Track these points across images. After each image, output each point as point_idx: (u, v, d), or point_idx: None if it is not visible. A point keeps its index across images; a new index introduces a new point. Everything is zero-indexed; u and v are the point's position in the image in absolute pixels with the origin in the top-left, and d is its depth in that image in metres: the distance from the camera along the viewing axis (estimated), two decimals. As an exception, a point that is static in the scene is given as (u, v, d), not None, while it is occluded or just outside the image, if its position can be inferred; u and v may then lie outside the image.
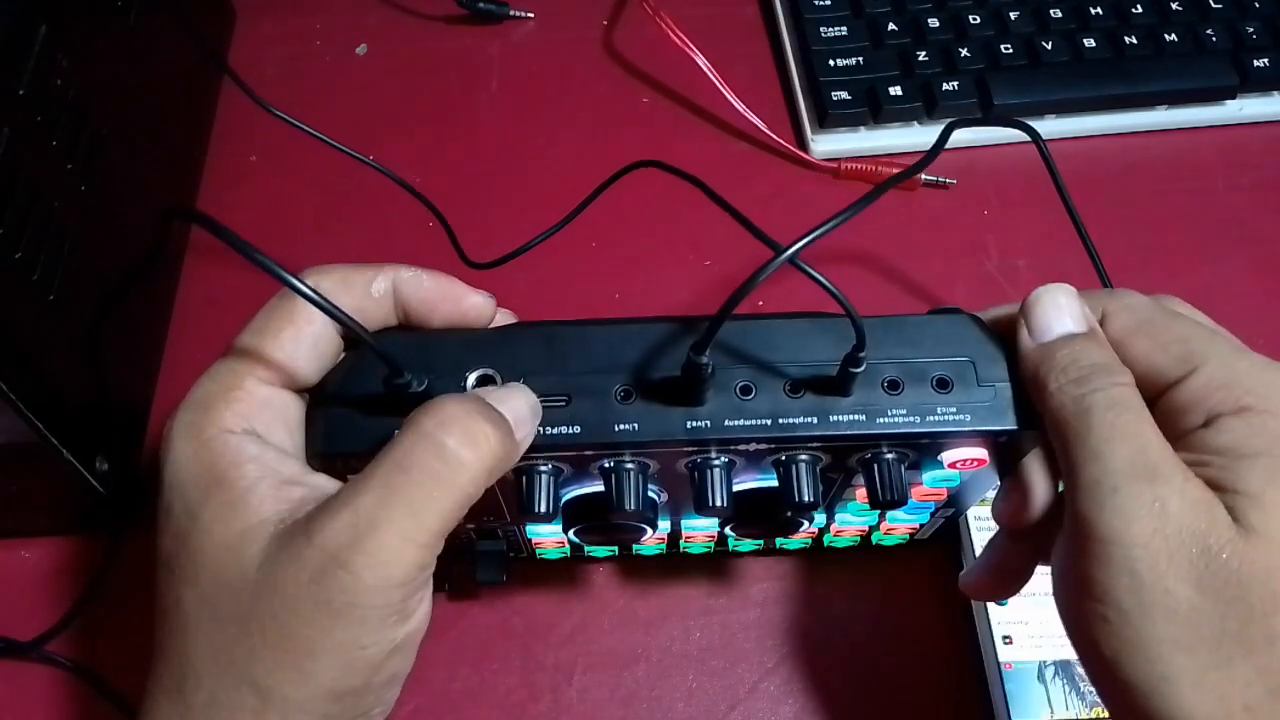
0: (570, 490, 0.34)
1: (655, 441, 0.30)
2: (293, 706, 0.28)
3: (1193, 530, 0.27)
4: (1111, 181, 0.55)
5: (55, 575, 0.43)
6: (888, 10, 0.57)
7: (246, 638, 0.28)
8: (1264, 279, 0.52)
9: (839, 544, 0.43)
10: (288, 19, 0.60)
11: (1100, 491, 0.28)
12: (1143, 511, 0.27)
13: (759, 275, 0.26)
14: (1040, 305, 0.31)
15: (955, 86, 0.54)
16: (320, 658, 0.28)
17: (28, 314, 0.37)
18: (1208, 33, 0.57)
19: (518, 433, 0.29)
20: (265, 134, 0.52)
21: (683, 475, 0.32)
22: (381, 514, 0.27)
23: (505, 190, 0.54)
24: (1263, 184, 0.55)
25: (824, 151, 0.55)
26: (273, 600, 0.27)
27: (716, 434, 0.30)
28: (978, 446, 0.32)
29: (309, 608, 0.27)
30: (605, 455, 0.31)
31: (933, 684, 0.41)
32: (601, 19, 0.61)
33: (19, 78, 0.37)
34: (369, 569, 0.27)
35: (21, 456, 0.38)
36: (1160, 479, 0.28)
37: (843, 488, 0.35)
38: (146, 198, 0.48)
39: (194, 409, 0.30)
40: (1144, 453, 0.28)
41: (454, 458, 0.28)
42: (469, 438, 0.28)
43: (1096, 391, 0.29)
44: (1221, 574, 0.27)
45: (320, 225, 0.52)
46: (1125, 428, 0.28)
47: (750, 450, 0.31)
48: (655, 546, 0.41)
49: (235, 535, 0.28)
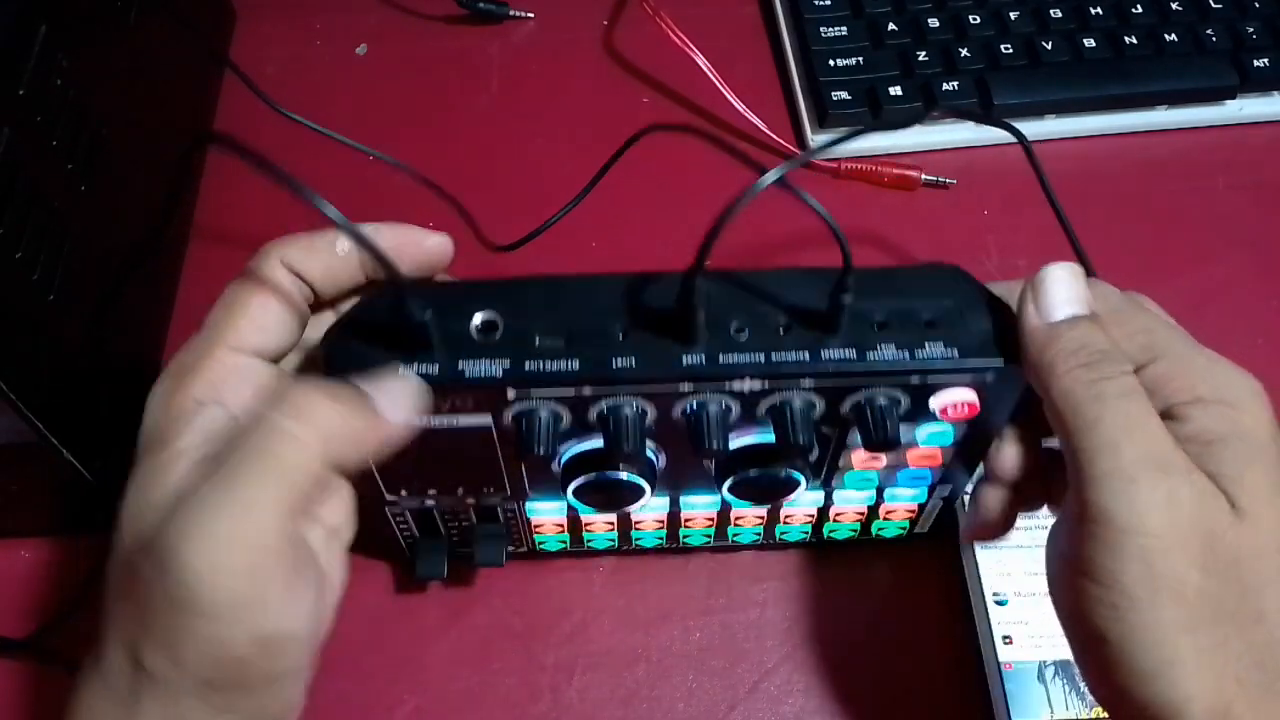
0: (570, 447, 0.34)
1: (651, 377, 0.31)
2: (183, 694, 0.28)
3: (1201, 517, 0.28)
4: (1111, 181, 0.55)
5: (55, 575, 0.43)
6: (888, 10, 0.57)
7: (133, 615, 0.28)
8: (1264, 279, 0.52)
9: (839, 534, 0.42)
10: (288, 19, 0.60)
11: (1117, 482, 0.28)
12: (1160, 502, 0.28)
13: (746, 195, 0.28)
14: (1049, 283, 0.31)
15: (955, 86, 0.54)
16: (183, 647, 0.27)
17: (28, 314, 0.37)
18: (1208, 33, 0.57)
19: (389, 411, 0.29)
20: (265, 134, 0.52)
21: (680, 427, 0.33)
22: (210, 498, 0.27)
23: (504, 190, 0.54)
24: (1263, 184, 0.55)
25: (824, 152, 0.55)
26: (137, 585, 0.27)
27: (711, 370, 0.31)
28: (967, 389, 0.32)
29: (160, 599, 0.27)
30: (603, 396, 0.32)
31: (933, 684, 0.41)
32: (601, 19, 0.61)
33: (19, 78, 0.37)
34: (198, 557, 0.26)
35: (21, 456, 0.38)
36: (1173, 470, 0.28)
37: (838, 450, 0.36)
38: (146, 198, 0.48)
39: (170, 377, 0.31)
40: (1157, 444, 0.29)
41: (279, 431, 0.28)
42: (295, 409, 0.28)
43: (1108, 380, 0.30)
44: (1224, 556, 0.28)
45: (321, 224, 0.52)
46: (1138, 418, 0.29)
47: (745, 393, 0.32)
48: (655, 533, 0.41)
49: (138, 504, 0.29)
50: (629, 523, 0.41)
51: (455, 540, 0.41)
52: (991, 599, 0.41)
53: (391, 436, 0.30)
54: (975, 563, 0.42)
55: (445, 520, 0.40)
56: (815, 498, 0.40)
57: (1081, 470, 0.29)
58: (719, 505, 0.40)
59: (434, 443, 0.33)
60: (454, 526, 0.40)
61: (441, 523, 0.40)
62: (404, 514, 0.39)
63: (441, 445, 0.33)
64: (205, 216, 0.52)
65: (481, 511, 0.39)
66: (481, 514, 0.39)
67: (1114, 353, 0.31)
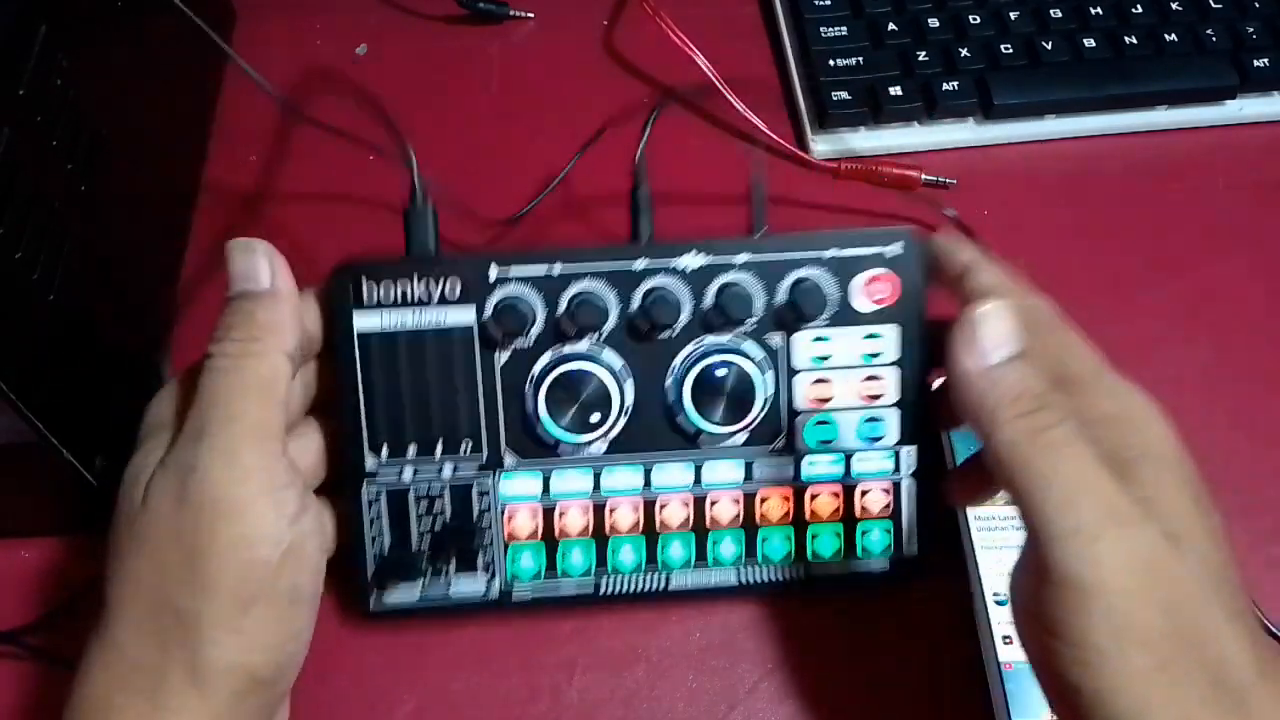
0: (549, 369, 0.38)
1: (611, 255, 0.38)
2: (208, 623, 0.30)
3: (1155, 561, 0.29)
4: (1111, 181, 0.55)
5: (55, 575, 0.43)
6: (888, 10, 0.57)
7: (152, 562, 0.31)
8: (1264, 279, 0.52)
9: (823, 548, 0.41)
10: (288, 19, 0.60)
11: (1077, 543, 0.28)
12: (1123, 559, 0.28)
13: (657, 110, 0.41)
14: (981, 325, 0.31)
15: (955, 86, 0.54)
16: (214, 560, 0.30)
17: (28, 314, 0.37)
18: (1208, 33, 0.57)
19: (262, 284, 0.34)
20: (266, 134, 0.52)
21: (642, 325, 0.38)
22: (212, 420, 0.32)
23: (504, 190, 0.54)
24: (1263, 184, 0.55)
25: (824, 151, 0.55)
26: (160, 523, 0.31)
27: (658, 249, 0.38)
28: (883, 269, 0.38)
29: (189, 516, 0.31)
30: (572, 277, 0.38)
31: (932, 684, 0.41)
32: (601, 19, 0.61)
33: (19, 78, 0.37)
34: (216, 462, 0.31)
35: (21, 456, 0.38)
36: (1130, 521, 0.29)
37: (789, 374, 0.39)
38: (146, 198, 0.48)
39: (178, 384, 0.35)
40: (1110, 496, 0.29)
41: (236, 350, 0.33)
42: (233, 329, 0.33)
43: (1052, 429, 0.30)
44: (1174, 591, 0.28)
45: (321, 224, 0.52)
46: (1089, 470, 0.29)
47: (689, 270, 0.38)
48: (633, 542, 0.40)
49: (134, 470, 0.33)
50: (605, 521, 0.40)
51: (428, 555, 0.40)
52: (991, 599, 0.41)
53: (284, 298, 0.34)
54: (975, 563, 0.42)
55: (419, 519, 0.39)
56: (785, 465, 0.40)
57: (1038, 529, 0.29)
58: (693, 472, 0.40)
59: (417, 361, 0.38)
60: (427, 529, 0.39)
61: (415, 522, 0.39)
62: (379, 500, 0.39)
63: (424, 365, 0.38)
64: (206, 217, 0.52)
65: (455, 498, 0.39)
66: (455, 508, 0.39)
67: (1050, 395, 0.30)
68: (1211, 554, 0.30)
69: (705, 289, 0.38)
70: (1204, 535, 0.30)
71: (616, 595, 0.41)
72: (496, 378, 0.39)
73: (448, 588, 0.40)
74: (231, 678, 0.31)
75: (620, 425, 0.39)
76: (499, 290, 0.38)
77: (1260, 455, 0.46)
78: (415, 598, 0.40)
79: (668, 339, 0.39)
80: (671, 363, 0.39)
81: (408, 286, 0.38)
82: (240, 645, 0.31)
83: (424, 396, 0.39)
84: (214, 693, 0.31)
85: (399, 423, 0.39)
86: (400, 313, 0.38)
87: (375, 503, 0.39)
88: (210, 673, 0.30)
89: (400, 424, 0.39)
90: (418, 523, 0.39)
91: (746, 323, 0.39)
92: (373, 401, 0.38)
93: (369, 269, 0.38)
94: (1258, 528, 0.44)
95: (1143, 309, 0.50)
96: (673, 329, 0.39)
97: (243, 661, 0.31)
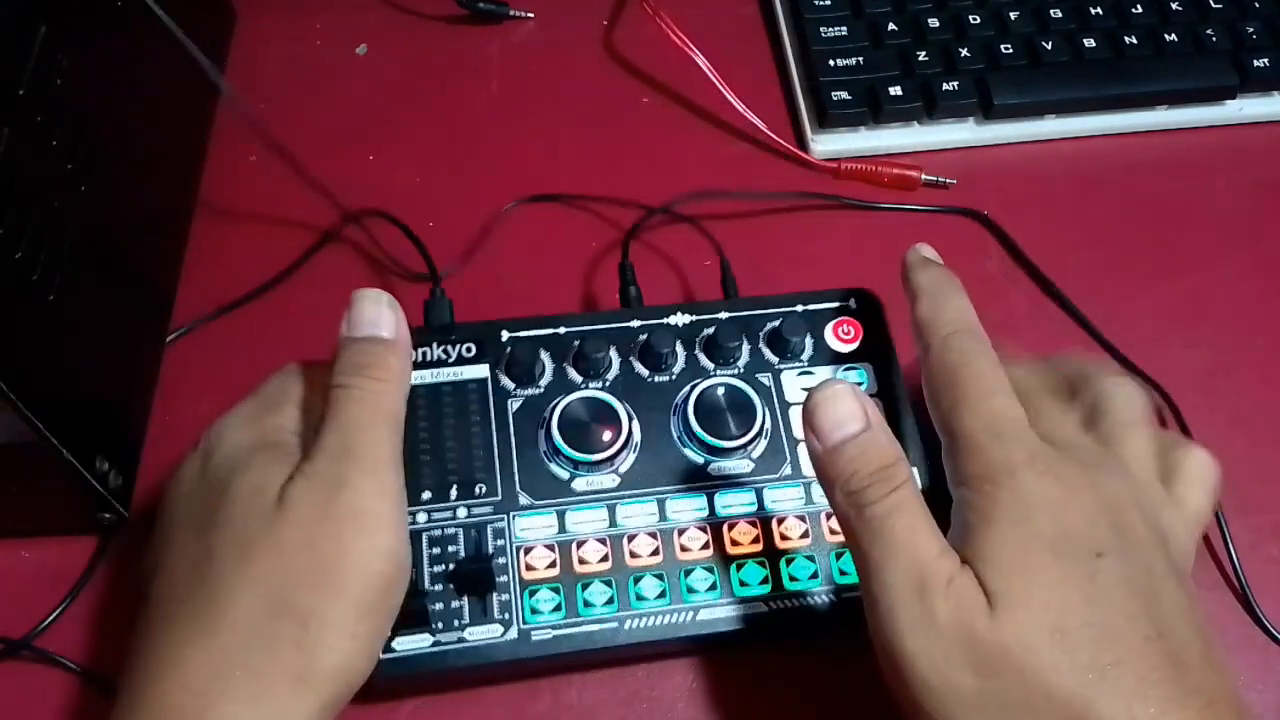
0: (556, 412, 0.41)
1: (608, 319, 0.43)
2: (329, 626, 0.32)
3: (958, 627, 0.29)
4: (1111, 181, 0.55)
5: (55, 574, 0.43)
6: (888, 10, 0.57)
7: (280, 564, 0.32)
8: (1264, 279, 0.52)
9: (847, 566, 0.39)
10: (288, 19, 0.60)
11: (880, 609, 0.31)
12: (916, 625, 0.30)
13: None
14: (821, 410, 0.33)
15: (955, 86, 0.55)
16: (345, 568, 0.32)
17: (28, 314, 0.37)
18: (1208, 33, 0.57)
19: (388, 333, 0.36)
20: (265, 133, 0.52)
21: (641, 375, 0.42)
22: (356, 432, 0.34)
23: (504, 190, 0.54)
24: (1263, 184, 0.55)
25: (824, 151, 0.55)
26: (297, 528, 0.32)
27: (648, 311, 0.44)
28: (848, 317, 0.44)
29: (331, 525, 0.32)
30: (575, 337, 0.43)
31: (933, 684, 0.41)
32: (601, 19, 0.61)
33: (19, 78, 0.37)
34: (366, 479, 0.33)
35: (21, 456, 0.38)
36: (928, 589, 0.30)
37: (784, 407, 0.42)
38: (146, 197, 0.48)
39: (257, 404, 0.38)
40: (915, 563, 0.30)
41: (371, 385, 0.35)
42: (366, 368, 0.35)
43: (872, 504, 0.31)
44: (991, 654, 0.29)
45: (322, 223, 0.52)
46: (898, 541, 0.31)
47: (679, 325, 0.43)
48: (653, 574, 0.39)
49: (266, 476, 0.34)
50: (624, 552, 0.39)
51: (440, 593, 0.38)
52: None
53: (404, 341, 0.37)
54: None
55: (431, 560, 0.38)
56: (795, 490, 0.40)
57: (862, 587, 0.32)
58: (706, 501, 0.40)
59: (434, 411, 0.41)
60: (440, 571, 0.38)
61: (427, 562, 0.38)
62: None
63: (441, 414, 0.41)
64: (206, 218, 0.52)
65: (469, 539, 0.39)
66: (469, 550, 0.39)
67: (884, 470, 0.32)
68: (1042, 615, 0.29)
69: (695, 338, 0.43)
70: (1041, 591, 0.29)
71: (639, 632, 0.38)
72: (510, 422, 0.41)
73: (462, 631, 0.38)
74: (335, 683, 0.32)
75: (631, 459, 0.41)
76: (511, 347, 0.42)
77: (1260, 455, 0.46)
78: (428, 644, 0.37)
79: (667, 381, 0.42)
80: (673, 401, 0.42)
81: (427, 351, 0.42)
82: (352, 650, 0.32)
83: (440, 443, 0.40)
84: (316, 696, 0.31)
85: (416, 470, 0.39)
86: (420, 373, 0.41)
87: None
88: (320, 676, 0.31)
89: (417, 471, 0.40)
90: (430, 563, 0.38)
91: (736, 363, 0.43)
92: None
93: None
94: (1258, 527, 0.44)
95: (1143, 309, 0.50)
96: (671, 372, 0.42)
97: (350, 667, 0.32)
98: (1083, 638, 0.29)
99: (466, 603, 0.38)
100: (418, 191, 0.54)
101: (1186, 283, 0.51)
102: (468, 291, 0.47)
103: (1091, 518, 0.31)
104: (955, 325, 0.36)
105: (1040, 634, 0.29)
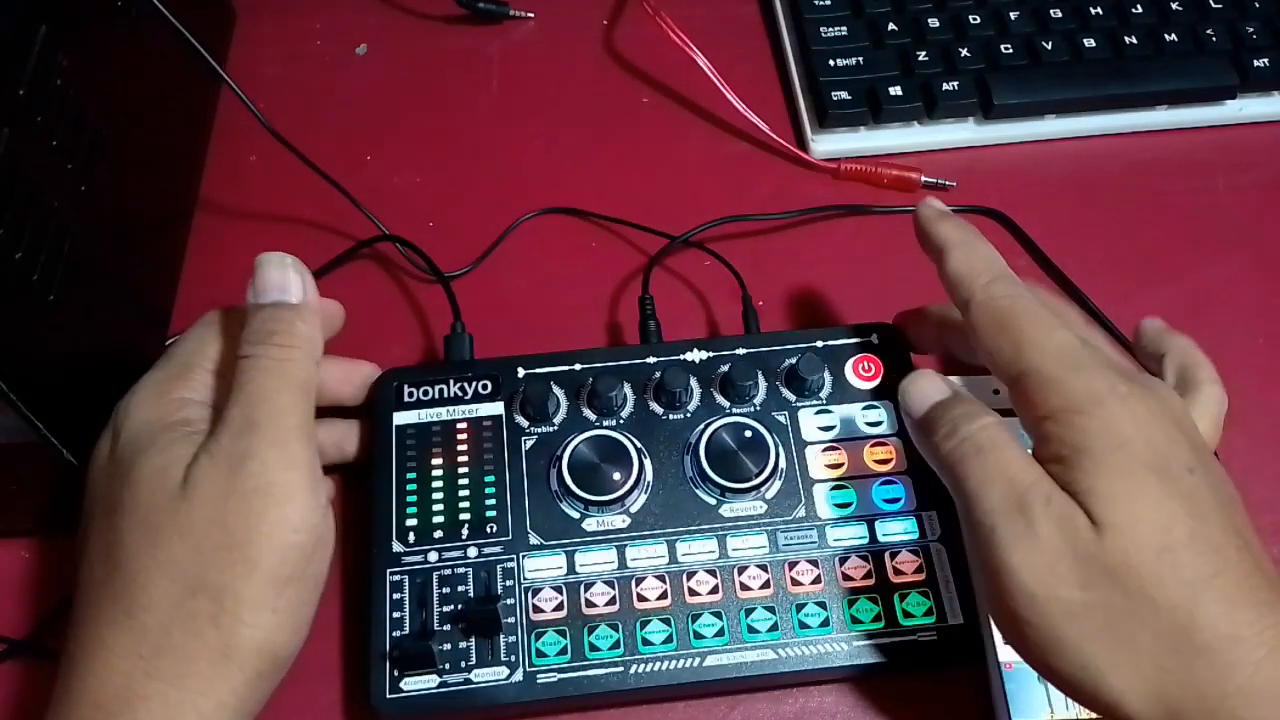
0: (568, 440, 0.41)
1: (623, 356, 0.43)
2: (245, 602, 0.32)
3: (1061, 542, 0.31)
4: (1111, 181, 0.55)
5: (54, 575, 0.43)
6: (888, 10, 0.57)
7: (190, 545, 0.32)
8: (1264, 279, 0.52)
9: (861, 613, 0.39)
10: (288, 19, 0.60)
11: (984, 531, 0.32)
12: (1017, 541, 0.32)
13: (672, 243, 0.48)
14: (913, 389, 0.37)
15: (955, 86, 0.54)
16: (257, 543, 0.32)
17: (28, 314, 0.37)
18: (1208, 33, 0.57)
19: (295, 297, 0.36)
20: (265, 134, 0.52)
21: (655, 415, 0.42)
22: (260, 404, 0.34)
23: (504, 190, 0.54)
24: (1263, 184, 0.55)
25: (824, 151, 0.55)
26: (204, 507, 0.32)
27: (665, 347, 0.44)
28: (868, 354, 0.43)
29: (238, 501, 0.32)
30: (591, 374, 0.42)
31: (933, 683, 0.41)
32: (601, 19, 0.61)
33: (19, 78, 0.37)
34: (271, 452, 0.33)
35: (21, 456, 0.38)
36: (1027, 507, 0.32)
37: (800, 446, 0.42)
38: (146, 198, 0.48)
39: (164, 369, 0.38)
40: (1012, 486, 0.32)
41: (277, 352, 0.35)
42: (285, 338, 0.35)
43: (965, 440, 0.34)
44: (1096, 570, 0.31)
45: (322, 223, 0.52)
46: (993, 468, 0.33)
47: (696, 362, 0.43)
48: (660, 619, 0.39)
49: (168, 458, 0.34)
50: (632, 596, 0.39)
51: (449, 633, 0.38)
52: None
53: (312, 311, 0.37)
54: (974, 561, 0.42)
55: (441, 598, 0.38)
56: (809, 532, 0.40)
57: (963, 524, 0.34)
58: (716, 543, 0.40)
59: (449, 447, 0.41)
60: (449, 610, 0.38)
61: (436, 601, 0.38)
62: (402, 584, 0.38)
63: (455, 451, 0.41)
64: (205, 216, 0.52)
65: (479, 579, 0.39)
66: (479, 589, 0.39)
67: (970, 413, 0.35)
68: (1150, 536, 0.31)
69: (712, 375, 0.43)
70: (1148, 514, 0.31)
71: (645, 677, 0.38)
72: (523, 460, 0.41)
73: (469, 673, 0.37)
74: (259, 658, 0.33)
75: (642, 500, 0.41)
76: (526, 385, 0.42)
77: (1260, 455, 0.46)
78: (434, 685, 0.37)
79: (681, 419, 0.42)
80: (686, 440, 0.42)
81: (444, 387, 0.42)
82: (272, 624, 0.33)
83: (453, 482, 0.41)
84: (241, 671, 0.32)
85: (428, 508, 0.40)
86: (436, 409, 0.42)
87: (399, 586, 0.39)
88: (241, 651, 0.32)
89: (429, 509, 0.40)
90: (439, 603, 0.38)
91: (752, 400, 0.42)
92: (403, 489, 0.40)
93: (411, 376, 0.43)
94: (1258, 527, 0.44)
95: (1143, 309, 0.50)
96: (685, 409, 0.42)
97: (272, 641, 0.33)
98: (1189, 553, 0.30)
99: (473, 643, 0.38)
100: (417, 191, 0.54)
101: (1186, 283, 0.51)
102: (469, 291, 0.47)
103: (1172, 437, 0.32)
104: (994, 272, 0.37)
105: (1148, 553, 0.30)
